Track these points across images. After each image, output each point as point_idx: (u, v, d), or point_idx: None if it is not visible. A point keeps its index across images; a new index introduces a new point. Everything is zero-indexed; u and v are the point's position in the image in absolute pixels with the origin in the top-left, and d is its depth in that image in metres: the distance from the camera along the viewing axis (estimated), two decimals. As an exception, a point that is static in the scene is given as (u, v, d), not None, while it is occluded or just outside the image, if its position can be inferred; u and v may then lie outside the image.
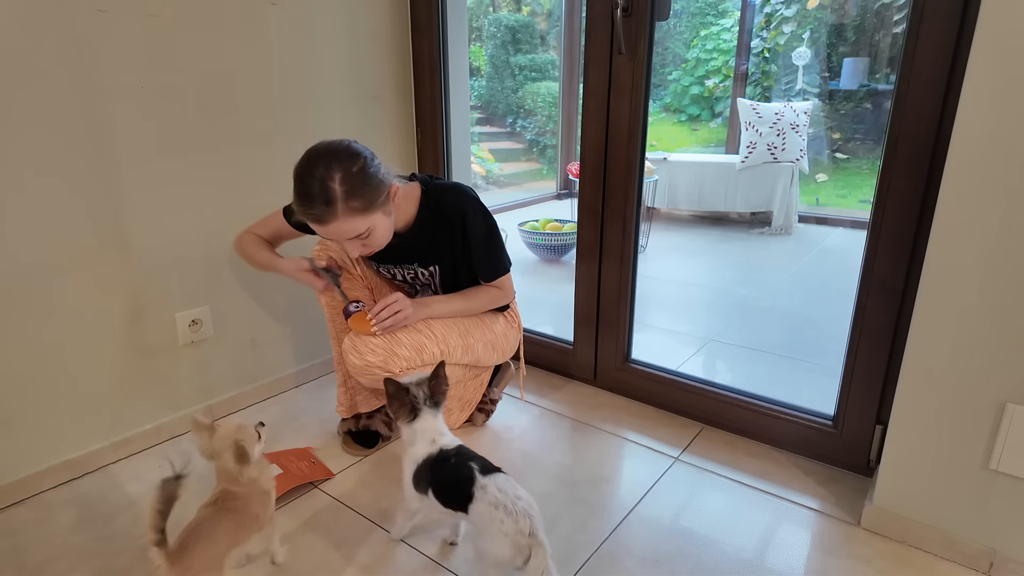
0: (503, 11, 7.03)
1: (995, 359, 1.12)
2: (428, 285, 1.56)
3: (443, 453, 1.15)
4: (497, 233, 1.50)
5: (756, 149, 4.16)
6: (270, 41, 1.68)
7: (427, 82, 2.05)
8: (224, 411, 1.78)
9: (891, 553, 1.26)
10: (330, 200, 1.21)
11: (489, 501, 1.03)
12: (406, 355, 1.38)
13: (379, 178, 1.27)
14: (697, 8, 6.62)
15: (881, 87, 5.30)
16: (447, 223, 1.43)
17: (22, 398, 1.41)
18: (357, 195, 1.23)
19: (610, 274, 1.79)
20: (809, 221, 4.47)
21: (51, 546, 1.29)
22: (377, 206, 1.27)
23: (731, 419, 1.67)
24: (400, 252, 1.47)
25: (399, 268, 1.53)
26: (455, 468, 1.11)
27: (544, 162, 6.41)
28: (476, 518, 1.05)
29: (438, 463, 1.14)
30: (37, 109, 1.32)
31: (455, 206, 1.42)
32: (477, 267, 1.49)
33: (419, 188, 1.44)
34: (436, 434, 1.18)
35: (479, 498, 1.04)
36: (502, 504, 1.01)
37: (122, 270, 1.51)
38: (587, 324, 1.89)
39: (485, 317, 1.56)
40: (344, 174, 1.21)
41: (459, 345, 1.47)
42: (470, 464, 1.10)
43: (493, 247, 1.49)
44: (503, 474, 1.08)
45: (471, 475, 1.07)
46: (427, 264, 1.50)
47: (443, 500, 1.12)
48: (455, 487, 1.09)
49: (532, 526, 1.00)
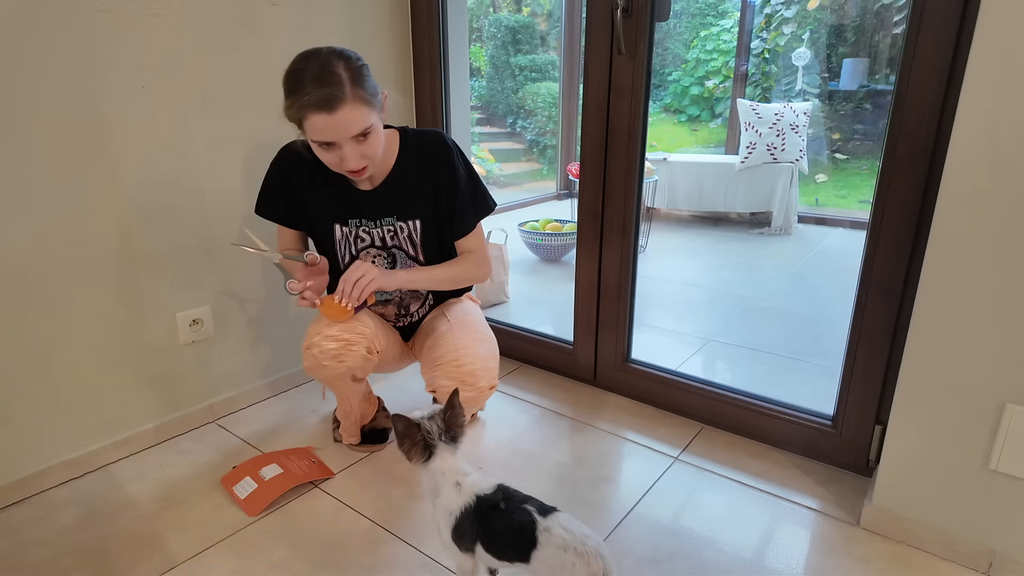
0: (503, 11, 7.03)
1: (994, 359, 1.12)
2: (408, 252, 1.47)
3: (484, 500, 1.00)
4: (476, 174, 1.47)
5: (756, 149, 4.16)
6: (270, 41, 1.68)
7: (427, 82, 2.05)
8: (224, 411, 1.78)
9: (891, 553, 1.26)
10: (338, 83, 1.14)
11: (556, 545, 0.92)
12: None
13: (373, 78, 1.24)
14: (697, 9, 6.62)
15: (881, 87, 5.30)
16: (431, 161, 1.40)
17: (22, 397, 1.41)
18: (362, 83, 1.18)
19: (610, 274, 1.79)
20: (809, 221, 4.47)
21: (51, 546, 1.29)
22: (376, 104, 1.23)
23: (731, 419, 1.67)
24: (380, 199, 1.41)
25: (378, 226, 1.44)
26: (508, 514, 0.98)
27: (544, 162, 6.42)
28: (540, 566, 0.94)
29: (485, 512, 1.00)
30: (37, 108, 1.33)
31: (439, 143, 1.40)
32: (460, 209, 1.43)
33: (397, 132, 1.42)
34: (459, 475, 1.02)
35: (544, 543, 0.93)
36: (571, 547, 0.91)
37: (123, 270, 1.52)
38: (587, 324, 1.89)
39: (464, 308, 1.54)
40: (346, 63, 1.18)
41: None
42: (526, 507, 0.97)
43: (475, 184, 1.45)
44: (563, 512, 0.98)
45: (531, 519, 0.95)
46: (407, 216, 1.43)
47: (498, 553, 0.99)
48: (514, 535, 0.96)
49: (606, 567, 0.91)
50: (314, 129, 1.20)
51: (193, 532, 1.32)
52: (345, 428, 1.60)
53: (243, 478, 1.45)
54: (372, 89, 1.22)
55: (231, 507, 1.40)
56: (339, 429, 1.64)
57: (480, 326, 1.51)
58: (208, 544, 1.29)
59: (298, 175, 1.42)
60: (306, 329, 1.39)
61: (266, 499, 1.39)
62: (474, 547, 1.01)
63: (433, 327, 1.51)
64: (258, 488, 1.42)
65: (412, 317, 1.58)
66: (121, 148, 1.46)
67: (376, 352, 1.40)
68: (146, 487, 1.47)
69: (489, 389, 1.40)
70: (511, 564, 0.99)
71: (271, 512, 1.38)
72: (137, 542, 1.30)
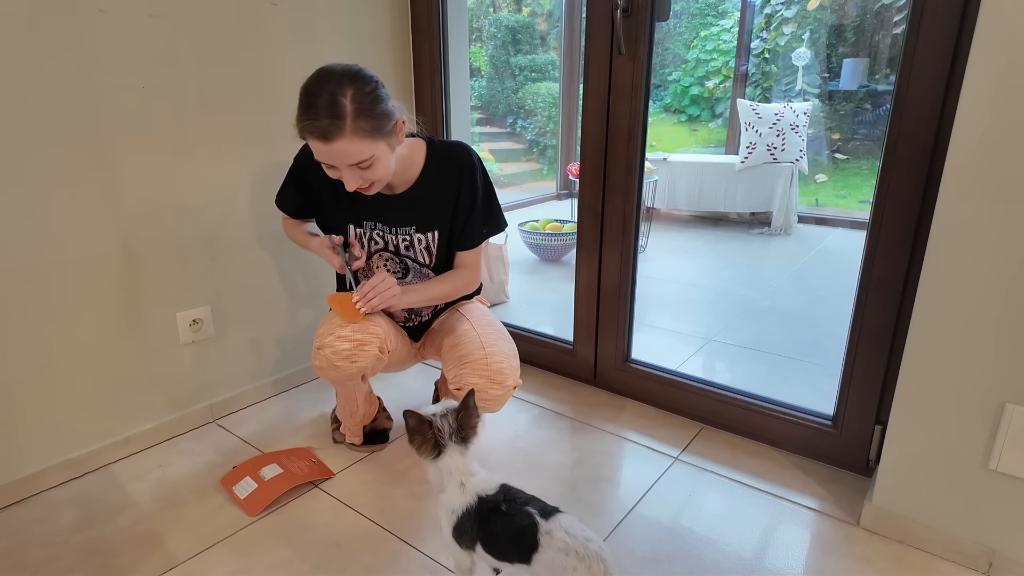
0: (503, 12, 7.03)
1: (994, 359, 1.12)
2: (422, 261, 1.48)
3: (486, 501, 1.01)
4: (495, 195, 1.48)
5: (756, 149, 4.16)
6: (270, 41, 1.68)
7: (427, 82, 2.05)
8: (224, 411, 1.78)
9: (890, 553, 1.26)
10: (339, 115, 1.15)
11: (558, 548, 0.92)
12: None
13: (389, 106, 1.23)
14: (697, 9, 6.62)
15: (881, 88, 5.30)
16: (455, 174, 1.41)
17: (23, 397, 1.41)
18: (367, 116, 1.18)
19: (610, 274, 1.79)
20: (808, 221, 4.47)
21: (52, 545, 1.29)
22: (384, 134, 1.23)
23: (731, 419, 1.67)
24: (401, 209, 1.42)
25: (394, 234, 1.45)
26: (510, 517, 0.98)
27: (544, 162, 6.42)
28: (542, 568, 0.94)
29: (486, 513, 1.00)
30: (37, 109, 1.33)
31: (464, 157, 1.41)
32: (472, 225, 1.44)
33: (423, 142, 1.42)
34: (464, 475, 1.03)
35: (546, 545, 0.93)
36: (573, 550, 0.91)
37: (123, 270, 1.52)
38: (587, 324, 1.89)
39: (480, 309, 1.56)
40: (356, 92, 1.17)
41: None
42: (527, 510, 0.97)
43: (491, 202, 1.47)
44: (566, 514, 0.97)
45: (533, 521, 0.95)
46: (426, 228, 1.44)
47: (498, 554, 1.00)
48: (515, 538, 0.97)
49: (607, 570, 0.91)
50: (314, 151, 1.23)
51: (193, 532, 1.32)
52: (348, 428, 1.60)
53: (243, 478, 1.45)
54: (381, 120, 1.21)
55: (231, 507, 1.40)
56: (339, 429, 1.64)
57: (500, 326, 1.53)
58: (208, 544, 1.29)
59: (316, 172, 1.42)
60: (307, 329, 1.39)
61: (266, 499, 1.39)
62: (474, 547, 1.02)
63: (453, 327, 1.51)
64: (258, 488, 1.42)
65: (421, 318, 1.59)
66: (121, 148, 1.46)
67: (387, 352, 1.40)
68: (146, 487, 1.47)
69: (514, 388, 1.43)
70: (512, 565, 0.99)
71: (271, 512, 1.38)
72: (137, 542, 1.30)
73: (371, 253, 1.48)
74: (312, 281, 1.92)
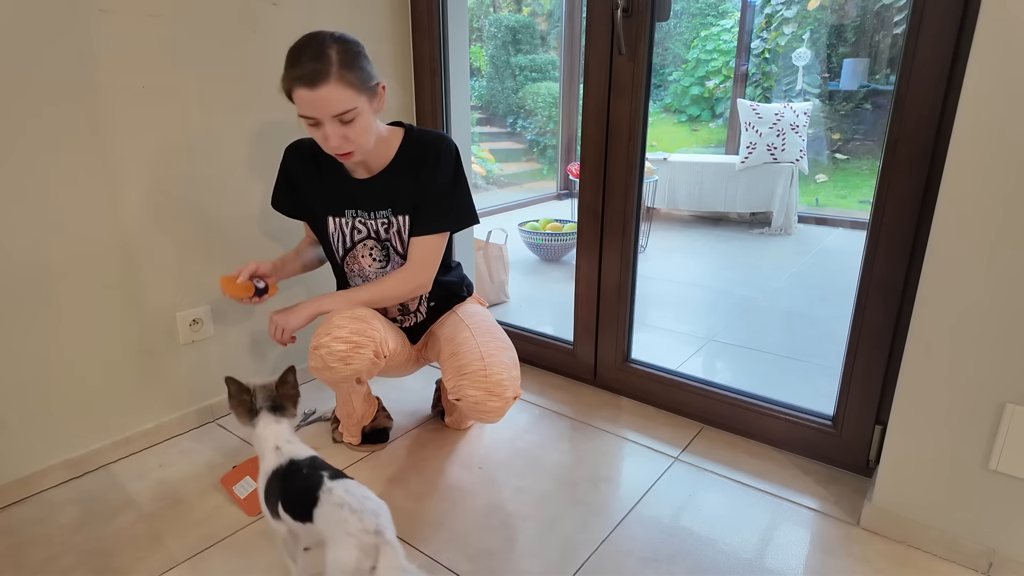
0: (504, 12, 7.04)
1: (995, 359, 1.12)
2: (397, 248, 1.46)
3: (295, 463, 1.07)
4: (465, 187, 1.44)
5: (756, 149, 4.16)
6: (270, 41, 1.68)
7: (427, 82, 2.05)
8: (224, 411, 1.78)
9: (890, 553, 1.26)
10: (326, 62, 1.20)
11: (334, 502, 0.97)
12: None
13: (372, 68, 1.28)
14: (697, 9, 6.63)
15: (881, 87, 5.31)
16: (424, 156, 1.40)
17: (23, 397, 1.41)
18: (352, 68, 1.22)
19: (610, 274, 1.79)
20: (809, 221, 4.47)
21: (51, 545, 1.29)
22: (367, 89, 1.26)
23: (731, 419, 1.67)
24: (376, 190, 1.42)
25: (373, 219, 1.43)
26: (305, 477, 1.04)
27: (544, 162, 6.42)
28: (322, 523, 0.98)
29: (289, 475, 1.06)
30: (37, 108, 1.33)
31: (436, 143, 1.41)
32: (427, 210, 1.40)
33: (403, 130, 1.44)
34: (280, 441, 1.11)
35: (324, 500, 0.98)
36: (347, 503, 0.96)
37: (123, 270, 1.52)
38: (587, 324, 1.89)
39: (480, 313, 1.56)
40: (341, 46, 1.22)
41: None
42: (321, 473, 1.03)
43: (453, 194, 1.42)
44: (354, 481, 1.02)
45: (319, 480, 1.01)
46: (399, 211, 1.42)
47: (292, 513, 1.03)
48: (302, 495, 1.02)
49: (379, 524, 0.94)
50: (299, 103, 1.24)
51: (193, 532, 1.32)
52: (346, 428, 1.60)
53: (243, 478, 1.45)
54: (363, 75, 1.25)
55: (231, 507, 1.40)
56: (339, 429, 1.64)
57: (500, 333, 1.51)
58: (208, 544, 1.29)
59: (300, 168, 1.47)
60: (307, 329, 1.39)
61: (266, 499, 1.39)
62: (278, 509, 1.06)
63: (452, 334, 1.49)
64: (258, 488, 1.42)
65: (416, 317, 1.58)
66: (121, 148, 1.46)
67: (384, 356, 1.39)
68: (146, 487, 1.47)
69: (514, 398, 1.40)
70: (303, 525, 1.02)
71: (271, 512, 1.38)
72: (137, 542, 1.30)
73: (355, 243, 1.47)
74: (311, 281, 1.92)
